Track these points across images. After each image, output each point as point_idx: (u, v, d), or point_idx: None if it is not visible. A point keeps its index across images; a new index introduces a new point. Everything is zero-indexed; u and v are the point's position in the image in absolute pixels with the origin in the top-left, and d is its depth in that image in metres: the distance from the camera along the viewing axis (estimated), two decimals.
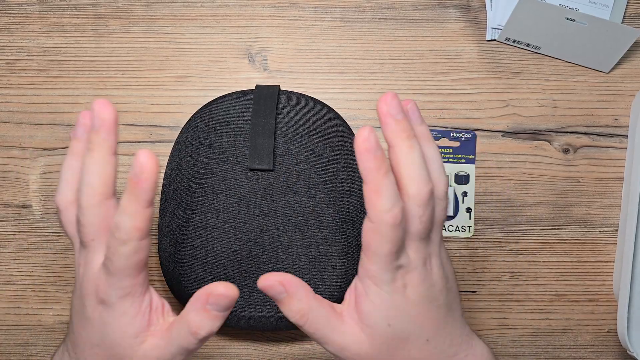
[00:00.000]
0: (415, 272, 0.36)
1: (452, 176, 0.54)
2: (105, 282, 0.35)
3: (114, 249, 0.34)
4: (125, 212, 0.34)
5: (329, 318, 0.37)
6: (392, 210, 0.34)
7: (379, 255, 0.35)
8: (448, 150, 0.54)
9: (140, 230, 0.34)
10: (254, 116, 0.49)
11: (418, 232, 0.36)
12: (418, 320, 0.37)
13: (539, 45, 0.55)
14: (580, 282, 0.55)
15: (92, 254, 0.36)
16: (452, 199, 0.54)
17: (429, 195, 0.35)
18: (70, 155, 0.37)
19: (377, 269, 0.36)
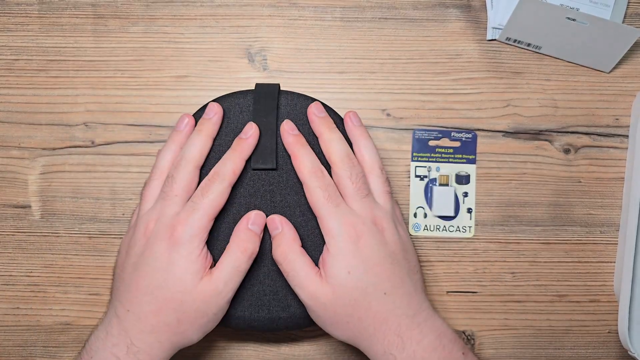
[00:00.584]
0: (365, 226, 0.43)
1: (452, 176, 0.54)
2: (185, 219, 0.43)
3: (208, 187, 0.44)
4: (228, 159, 0.45)
5: (306, 266, 0.44)
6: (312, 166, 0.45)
7: (319, 206, 0.44)
8: (448, 150, 0.54)
9: (235, 174, 0.45)
10: (255, 115, 0.49)
11: (353, 190, 0.44)
12: (374, 271, 0.42)
13: (539, 45, 0.55)
14: (581, 283, 0.54)
15: (170, 207, 0.44)
16: (453, 199, 0.54)
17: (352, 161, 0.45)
18: (171, 143, 0.47)
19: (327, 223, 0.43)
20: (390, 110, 0.55)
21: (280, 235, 0.45)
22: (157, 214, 0.44)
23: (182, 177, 0.45)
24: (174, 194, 0.44)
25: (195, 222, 0.43)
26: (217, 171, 0.45)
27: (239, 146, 0.46)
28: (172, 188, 0.45)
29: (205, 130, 0.46)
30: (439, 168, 0.54)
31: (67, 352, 0.53)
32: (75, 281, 0.54)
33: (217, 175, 0.45)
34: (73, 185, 0.54)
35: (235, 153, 0.45)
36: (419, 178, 0.54)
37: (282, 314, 0.48)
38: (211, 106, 0.48)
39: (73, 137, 0.54)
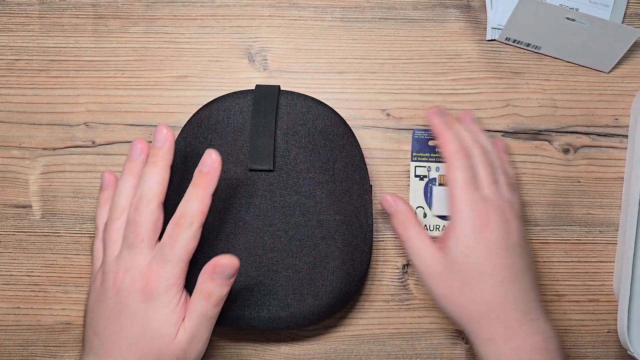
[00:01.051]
0: (494, 214, 0.44)
1: None
2: (156, 272, 0.40)
3: (176, 234, 0.40)
4: (192, 199, 0.41)
5: (423, 236, 0.45)
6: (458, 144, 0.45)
7: (457, 186, 0.44)
8: None
9: (203, 214, 0.41)
10: (254, 116, 0.49)
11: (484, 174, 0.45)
12: (494, 259, 0.43)
13: (539, 45, 0.55)
14: (580, 282, 0.54)
15: (138, 255, 0.41)
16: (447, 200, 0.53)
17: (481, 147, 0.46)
18: (128, 174, 0.44)
19: (459, 204, 0.44)
20: (390, 110, 0.55)
21: (396, 212, 0.47)
22: (126, 264, 0.41)
23: (145, 221, 0.41)
24: (139, 239, 0.41)
25: (168, 273, 0.40)
26: (183, 213, 0.40)
27: (200, 181, 0.41)
28: (136, 234, 0.41)
29: (160, 160, 0.42)
30: (438, 168, 0.53)
31: (68, 351, 0.54)
32: (76, 281, 0.54)
33: (184, 218, 0.40)
34: (74, 185, 0.54)
35: (199, 189, 0.41)
36: (418, 178, 0.54)
37: (282, 314, 0.48)
38: (159, 131, 0.43)
39: (74, 137, 0.54)
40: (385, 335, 0.53)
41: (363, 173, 0.50)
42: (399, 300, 0.54)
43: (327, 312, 0.49)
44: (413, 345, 0.54)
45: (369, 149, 0.54)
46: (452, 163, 0.45)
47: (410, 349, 0.53)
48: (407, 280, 0.54)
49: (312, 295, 0.48)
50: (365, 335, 0.53)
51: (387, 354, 0.53)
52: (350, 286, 0.49)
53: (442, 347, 0.54)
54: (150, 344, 0.40)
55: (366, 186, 0.50)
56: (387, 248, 0.54)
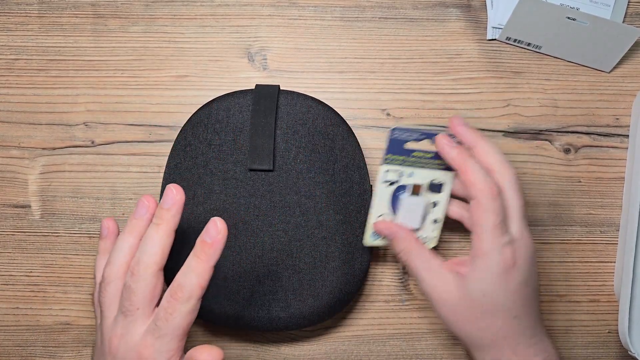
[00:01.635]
0: (520, 256, 0.43)
1: (426, 185, 0.48)
2: (152, 346, 0.38)
3: (173, 308, 0.37)
4: (192, 271, 0.37)
5: (427, 260, 0.44)
6: (487, 182, 0.42)
7: (486, 229, 0.42)
8: (427, 154, 0.47)
9: (202, 288, 0.38)
10: (254, 116, 0.49)
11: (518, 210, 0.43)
12: (512, 297, 0.43)
13: (539, 44, 0.54)
14: (581, 283, 0.54)
15: (133, 323, 0.38)
16: (422, 211, 0.48)
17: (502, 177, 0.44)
18: (129, 233, 0.41)
19: (486, 247, 0.42)
20: (390, 110, 0.55)
21: (396, 239, 0.46)
22: (121, 331, 0.39)
23: (141, 289, 0.38)
24: (135, 307, 0.38)
25: (163, 347, 0.38)
26: (180, 285, 0.37)
27: (202, 253, 0.38)
28: (132, 302, 0.38)
29: (164, 224, 0.39)
30: (412, 174, 0.48)
31: (67, 352, 0.53)
32: (75, 281, 0.54)
33: (180, 291, 0.37)
34: (73, 185, 0.54)
35: (200, 263, 0.38)
36: (387, 183, 0.48)
37: (282, 314, 0.48)
38: (169, 192, 0.39)
39: (73, 137, 0.54)
40: (385, 335, 0.53)
41: (363, 173, 0.50)
42: (399, 301, 0.54)
43: (327, 312, 0.49)
44: (413, 345, 0.53)
45: (369, 149, 0.54)
46: (480, 204, 0.42)
47: (410, 349, 0.53)
48: (407, 280, 0.54)
49: (312, 296, 0.48)
50: (365, 336, 0.53)
51: (387, 354, 0.53)
52: (350, 286, 0.49)
53: (442, 347, 0.53)
54: None
55: (366, 186, 0.50)
56: (387, 248, 0.54)
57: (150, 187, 0.54)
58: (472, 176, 0.43)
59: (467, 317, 0.43)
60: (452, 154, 0.44)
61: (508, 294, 0.43)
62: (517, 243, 0.43)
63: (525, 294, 0.43)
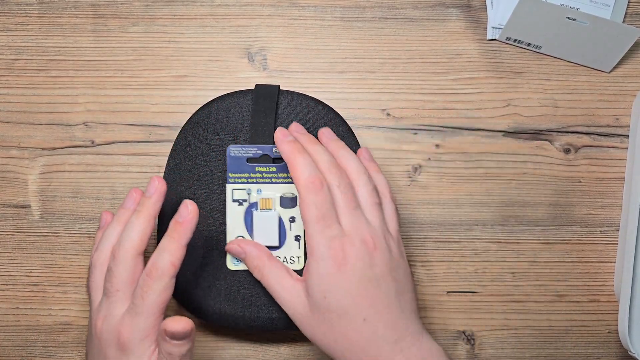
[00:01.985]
0: (353, 247, 0.40)
1: (277, 199, 0.47)
2: (129, 324, 0.40)
3: (148, 286, 0.39)
4: (165, 250, 0.40)
5: (281, 276, 0.43)
6: (309, 176, 0.41)
7: (310, 224, 0.41)
8: (270, 169, 0.47)
9: (175, 267, 0.40)
10: (254, 116, 0.49)
11: (344, 202, 0.41)
12: (354, 298, 0.40)
13: (539, 44, 0.54)
14: (581, 283, 0.54)
15: (114, 304, 0.41)
16: (277, 226, 0.47)
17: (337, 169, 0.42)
18: (116, 221, 0.44)
19: (313, 242, 0.40)
20: (390, 110, 0.55)
21: (247, 257, 0.45)
22: (104, 312, 0.41)
23: (121, 271, 0.41)
24: (115, 289, 0.41)
25: (140, 326, 0.40)
26: (154, 264, 0.40)
27: (174, 232, 0.41)
28: (112, 284, 0.41)
29: (145, 210, 0.42)
30: (260, 190, 0.47)
31: (67, 352, 0.53)
32: (75, 281, 0.54)
33: (155, 270, 0.40)
34: (73, 185, 0.54)
35: (174, 241, 0.40)
36: (237, 203, 0.47)
37: (282, 314, 0.48)
38: (152, 182, 0.43)
39: (73, 137, 0.54)
40: None
41: None
42: None
43: None
44: None
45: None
46: (302, 198, 0.41)
47: None
48: None
49: None
50: None
51: None
52: None
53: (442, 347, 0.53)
54: None
55: None
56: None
57: None
58: (297, 171, 0.41)
59: (323, 328, 0.41)
60: (283, 147, 0.43)
61: (349, 294, 0.40)
62: (349, 238, 0.40)
63: (373, 294, 0.40)
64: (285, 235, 0.47)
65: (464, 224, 0.54)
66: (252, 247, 0.45)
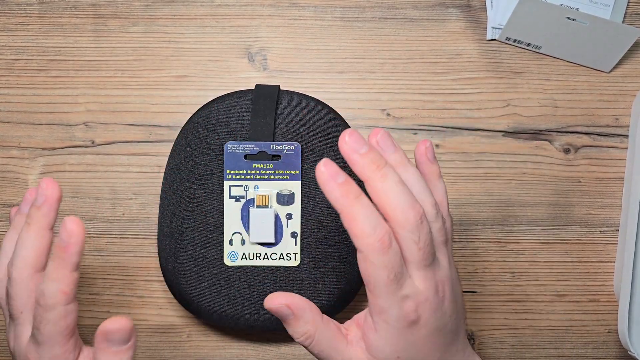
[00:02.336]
0: (427, 303, 0.35)
1: (273, 196, 0.47)
2: (35, 353, 0.36)
3: (41, 316, 0.35)
4: (50, 278, 0.35)
5: (334, 340, 0.37)
6: (375, 233, 0.33)
7: (378, 286, 0.34)
8: (268, 165, 0.47)
9: (66, 294, 0.35)
10: (254, 116, 0.49)
11: (419, 259, 0.35)
12: (426, 349, 0.36)
13: (539, 44, 0.55)
14: (581, 283, 0.54)
15: (20, 326, 0.37)
16: (273, 223, 0.47)
17: (418, 219, 0.34)
18: (13, 230, 0.40)
19: (382, 303, 0.35)
20: (390, 110, 0.55)
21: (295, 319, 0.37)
22: (14, 334, 0.38)
23: (19, 294, 0.37)
24: (18, 311, 0.37)
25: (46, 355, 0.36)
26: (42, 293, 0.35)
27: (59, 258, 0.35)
28: (13, 307, 0.37)
29: (34, 224, 0.37)
30: (257, 187, 0.47)
31: None
32: None
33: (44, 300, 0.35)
34: (73, 185, 0.54)
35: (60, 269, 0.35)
36: (234, 199, 0.47)
37: None
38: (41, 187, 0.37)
39: (73, 137, 0.54)
40: None
41: None
42: None
43: (327, 312, 0.49)
44: None
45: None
46: (370, 258, 0.34)
47: None
48: None
49: (312, 296, 0.48)
50: None
51: None
52: (350, 286, 0.49)
53: None
54: None
55: None
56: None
57: (150, 187, 0.54)
58: (357, 227, 0.33)
59: None
60: (334, 195, 0.33)
61: (419, 348, 0.36)
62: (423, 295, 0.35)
63: (442, 340, 0.37)
64: (282, 232, 0.48)
65: (464, 224, 0.54)
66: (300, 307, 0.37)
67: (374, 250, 0.34)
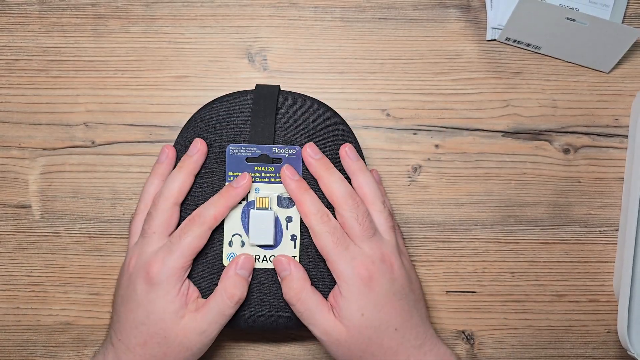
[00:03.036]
0: (374, 265, 0.44)
1: (274, 199, 0.48)
2: (161, 260, 0.44)
3: (187, 229, 0.44)
4: (212, 204, 0.45)
5: (318, 304, 0.44)
6: (318, 212, 0.45)
7: (328, 251, 0.44)
8: (269, 168, 0.47)
9: (216, 219, 0.45)
10: (254, 116, 0.49)
11: (361, 232, 0.45)
12: (386, 310, 0.44)
13: (539, 45, 0.55)
14: (580, 283, 0.54)
15: (149, 244, 0.45)
16: (272, 225, 0.47)
17: (356, 202, 0.45)
18: (153, 176, 0.48)
19: (337, 267, 0.44)
20: (390, 110, 0.55)
21: (290, 277, 0.45)
22: (138, 251, 0.45)
23: (159, 215, 0.45)
24: (152, 231, 0.45)
25: (171, 263, 0.44)
26: (199, 213, 0.45)
27: (227, 193, 0.46)
28: (150, 225, 0.45)
29: (185, 167, 0.47)
30: (258, 190, 0.47)
31: (68, 351, 0.53)
32: (76, 281, 0.54)
33: (198, 217, 0.45)
34: (73, 185, 0.54)
35: (222, 199, 0.46)
36: None
37: (282, 314, 0.48)
38: (195, 143, 0.48)
39: (73, 137, 0.54)
40: None
41: None
42: None
43: None
44: None
45: (369, 149, 0.54)
46: (315, 230, 0.45)
47: None
48: None
49: None
50: None
51: None
52: None
53: None
54: (154, 327, 0.43)
55: None
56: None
57: None
58: (304, 207, 0.45)
59: (360, 347, 0.44)
60: (291, 186, 0.46)
61: (381, 307, 0.43)
62: (369, 257, 0.44)
63: (399, 305, 0.44)
64: (282, 234, 0.48)
65: (464, 224, 0.54)
66: (299, 269, 0.46)
67: (317, 222, 0.45)
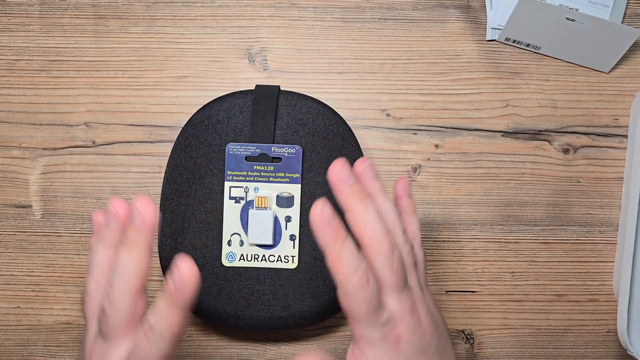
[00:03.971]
0: (404, 324, 0.38)
1: (273, 198, 0.48)
2: None
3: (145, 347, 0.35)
4: (160, 315, 0.35)
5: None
6: (357, 272, 0.36)
7: (360, 318, 0.37)
8: (268, 168, 0.47)
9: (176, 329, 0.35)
10: (254, 116, 0.49)
11: (394, 282, 0.38)
12: None
13: (539, 45, 0.55)
14: (580, 282, 0.55)
15: (110, 347, 0.36)
16: (272, 225, 0.47)
17: (391, 246, 0.37)
18: (103, 245, 0.38)
19: (364, 331, 0.37)
20: (390, 110, 0.55)
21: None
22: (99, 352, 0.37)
23: (117, 314, 0.36)
24: (111, 331, 0.36)
25: None
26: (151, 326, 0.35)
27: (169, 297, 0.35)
28: (108, 326, 0.36)
29: (135, 245, 0.36)
30: (257, 189, 0.47)
31: (68, 351, 0.54)
32: (76, 281, 0.54)
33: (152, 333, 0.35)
34: (74, 185, 0.54)
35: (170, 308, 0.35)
36: (234, 200, 0.47)
37: (282, 314, 0.48)
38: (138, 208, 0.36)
39: (74, 137, 0.54)
40: None
41: None
42: None
43: (327, 312, 0.49)
44: None
45: (369, 149, 0.54)
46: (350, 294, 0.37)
47: None
48: None
49: (312, 295, 0.48)
50: None
51: None
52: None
53: None
54: None
55: None
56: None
57: (151, 187, 0.54)
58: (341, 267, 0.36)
59: None
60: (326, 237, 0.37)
61: None
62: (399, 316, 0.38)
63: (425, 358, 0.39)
64: (281, 234, 0.48)
65: (463, 224, 0.55)
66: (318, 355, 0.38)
67: (354, 287, 0.36)
